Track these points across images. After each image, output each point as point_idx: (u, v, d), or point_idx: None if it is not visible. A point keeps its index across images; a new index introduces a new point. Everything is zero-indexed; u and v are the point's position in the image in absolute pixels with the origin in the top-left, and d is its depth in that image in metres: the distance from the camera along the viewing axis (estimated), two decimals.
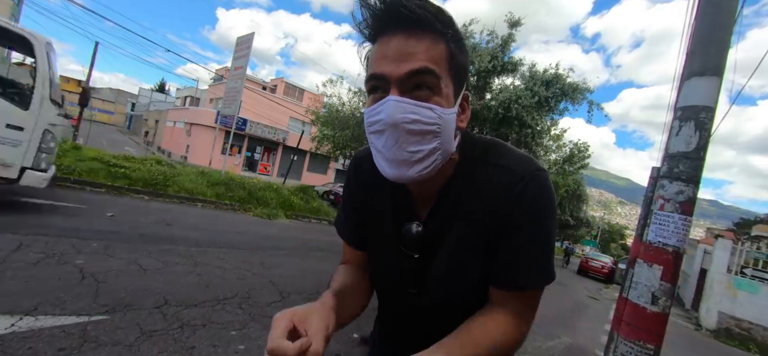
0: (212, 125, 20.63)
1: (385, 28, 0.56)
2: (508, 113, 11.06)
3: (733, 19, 1.78)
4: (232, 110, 12.91)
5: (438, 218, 0.67)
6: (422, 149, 0.56)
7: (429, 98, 0.55)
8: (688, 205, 1.67)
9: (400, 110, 0.54)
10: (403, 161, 0.56)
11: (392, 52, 0.55)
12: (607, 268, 19.72)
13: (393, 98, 0.54)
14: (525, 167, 0.62)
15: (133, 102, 48.22)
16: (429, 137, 0.55)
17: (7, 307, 2.24)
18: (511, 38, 11.81)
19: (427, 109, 0.55)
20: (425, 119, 0.54)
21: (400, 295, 0.76)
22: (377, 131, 0.57)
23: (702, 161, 1.68)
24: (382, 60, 0.56)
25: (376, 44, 0.58)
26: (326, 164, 28.29)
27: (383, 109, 0.55)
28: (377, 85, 0.57)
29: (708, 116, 1.67)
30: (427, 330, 0.71)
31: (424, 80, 0.54)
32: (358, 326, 3.33)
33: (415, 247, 0.69)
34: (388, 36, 0.56)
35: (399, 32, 0.55)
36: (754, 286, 10.02)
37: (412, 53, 0.54)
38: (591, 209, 53.36)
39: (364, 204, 0.78)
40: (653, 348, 1.70)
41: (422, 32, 0.54)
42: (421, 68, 0.54)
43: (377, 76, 0.56)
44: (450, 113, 0.57)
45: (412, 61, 0.54)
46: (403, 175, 0.58)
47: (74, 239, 3.70)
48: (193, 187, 8.43)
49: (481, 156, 0.65)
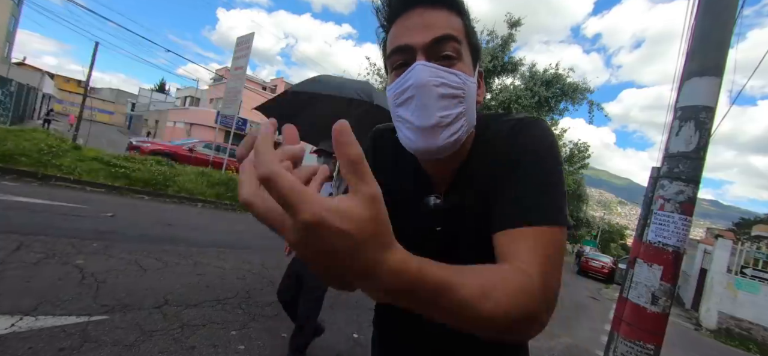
0: (212, 125, 20.62)
1: (407, 6, 0.58)
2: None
3: (733, 19, 1.78)
4: (232, 110, 12.91)
5: (457, 192, 0.67)
6: (450, 113, 0.57)
7: (453, 64, 0.58)
8: (688, 205, 1.67)
9: (428, 72, 0.56)
10: (432, 128, 0.57)
11: (415, 24, 0.58)
12: (607, 268, 19.71)
13: (421, 62, 0.56)
14: (523, 116, 0.65)
15: (133, 102, 48.20)
16: (455, 101, 0.57)
17: (7, 307, 2.24)
18: (511, 38, 11.82)
19: (453, 74, 0.57)
20: (452, 82, 0.57)
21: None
22: (405, 100, 0.58)
23: (702, 161, 1.68)
24: (405, 32, 0.58)
25: (393, 25, 0.61)
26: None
27: (411, 75, 0.57)
28: (401, 58, 0.59)
29: (708, 116, 1.67)
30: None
31: (448, 47, 0.57)
32: (359, 327, 3.33)
33: (434, 220, 0.69)
34: (407, 13, 0.59)
35: (418, 8, 0.58)
36: (754, 286, 10.02)
37: (434, 23, 0.57)
38: (591, 209, 53.38)
39: (382, 174, 0.75)
40: (653, 348, 1.70)
41: (442, 7, 0.58)
42: (445, 35, 0.57)
43: (402, 47, 0.58)
44: (472, 81, 0.60)
45: (435, 30, 0.57)
46: (432, 143, 0.58)
47: (74, 239, 3.70)
48: (193, 187, 8.43)
49: (498, 128, 0.66)
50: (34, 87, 21.08)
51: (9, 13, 22.75)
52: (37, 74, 23.17)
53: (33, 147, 6.78)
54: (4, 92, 14.43)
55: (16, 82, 15.65)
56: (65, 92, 39.48)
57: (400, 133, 0.62)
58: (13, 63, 22.78)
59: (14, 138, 6.79)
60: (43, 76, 23.67)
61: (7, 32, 21.52)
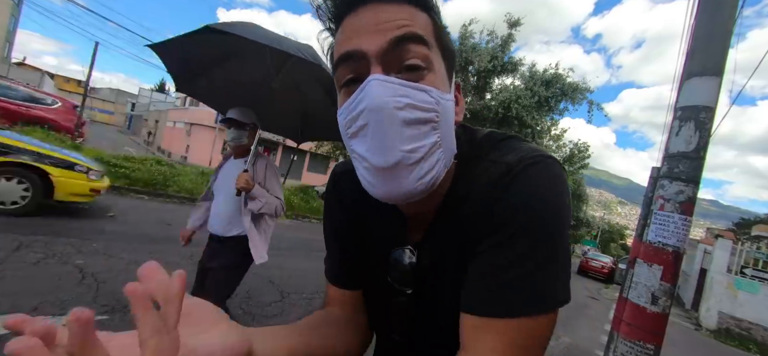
0: (212, 125, 20.63)
1: (354, 2, 0.43)
2: (508, 113, 11.07)
3: (734, 19, 1.78)
4: None
5: (434, 242, 0.52)
6: (421, 145, 0.41)
7: (421, 77, 0.42)
8: (688, 205, 1.67)
9: (387, 90, 0.40)
10: (396, 167, 0.41)
11: (366, 23, 0.42)
12: (607, 268, 19.73)
13: (377, 76, 0.41)
14: (521, 155, 0.46)
15: (133, 102, 48.24)
16: (427, 127, 0.42)
17: (7, 307, 2.24)
18: (511, 38, 11.83)
19: (421, 90, 0.41)
20: (421, 102, 0.41)
21: (392, 344, 0.63)
22: (358, 129, 0.42)
23: (702, 161, 1.68)
24: (353, 35, 0.43)
25: (341, 26, 0.45)
26: (326, 164, 28.30)
27: (364, 94, 0.41)
28: (350, 71, 0.44)
29: (708, 116, 1.67)
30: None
31: (413, 53, 0.42)
32: None
33: (407, 280, 0.55)
34: (356, 10, 0.43)
35: (371, 3, 0.42)
36: (754, 286, 10.02)
37: (391, 19, 0.42)
38: (591, 209, 53.40)
39: (349, 227, 0.63)
40: (653, 348, 1.70)
41: (401, 4, 0.43)
42: (407, 34, 0.41)
43: (349, 54, 0.43)
44: (448, 99, 0.45)
45: (393, 29, 0.41)
46: (397, 188, 0.42)
47: (74, 239, 3.70)
48: (193, 187, 8.44)
49: (478, 152, 0.51)
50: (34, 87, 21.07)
51: (9, 13, 22.77)
52: (37, 74, 23.18)
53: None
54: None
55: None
56: (65, 92, 39.50)
57: (359, 173, 0.46)
58: (13, 63, 22.80)
59: None
60: (43, 76, 23.67)
61: (7, 32, 21.53)
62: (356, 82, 0.43)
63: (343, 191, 0.64)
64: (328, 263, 0.69)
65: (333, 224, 0.67)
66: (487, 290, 0.43)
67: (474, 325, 0.44)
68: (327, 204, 0.69)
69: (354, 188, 0.55)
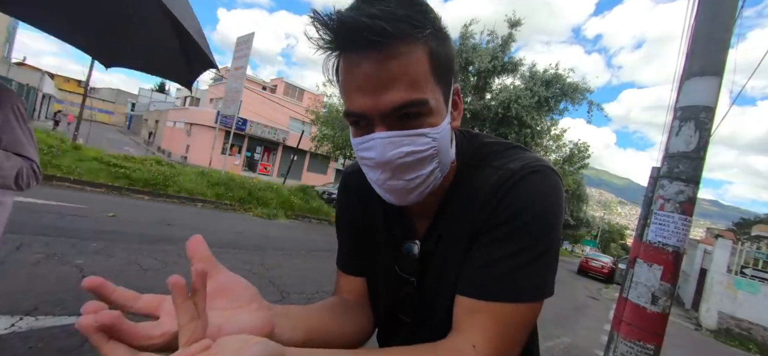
0: (212, 125, 20.63)
1: (349, 47, 0.45)
2: (507, 113, 11.07)
3: (733, 19, 1.78)
4: (232, 110, 12.92)
5: (435, 235, 0.60)
6: (420, 174, 0.50)
7: (420, 123, 0.48)
8: (688, 205, 1.67)
9: (390, 146, 0.47)
10: (401, 191, 0.51)
11: (365, 81, 0.45)
12: (607, 268, 19.73)
13: (380, 135, 0.47)
14: (523, 163, 0.53)
15: (133, 102, 48.24)
16: (426, 161, 0.50)
17: (7, 307, 2.24)
18: (511, 38, 11.83)
19: (420, 136, 0.48)
20: (421, 147, 0.48)
21: (396, 325, 0.69)
22: (370, 167, 0.51)
23: (702, 161, 1.68)
24: (355, 93, 0.47)
25: (342, 61, 0.48)
26: (326, 164, 28.30)
27: (372, 146, 0.48)
28: (357, 122, 0.50)
29: (708, 116, 1.67)
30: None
31: (411, 108, 0.46)
32: None
33: (412, 270, 0.62)
34: (352, 60, 0.46)
35: (369, 53, 0.44)
36: (754, 286, 10.02)
37: (390, 79, 0.44)
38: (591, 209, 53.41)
39: (358, 223, 0.71)
40: (653, 348, 1.70)
41: (396, 47, 0.44)
42: (404, 102, 0.45)
43: (355, 114, 0.48)
44: (444, 128, 0.50)
45: (392, 91, 0.45)
46: (403, 201, 0.53)
47: (74, 239, 3.70)
48: (193, 187, 8.43)
49: (482, 160, 0.58)
50: (34, 87, 21.10)
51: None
52: (37, 74, 23.18)
53: None
54: None
55: (16, 83, 15.67)
56: (65, 92, 39.50)
57: (370, 181, 0.55)
58: (13, 63, 22.79)
59: None
60: (43, 76, 23.68)
61: (7, 32, 21.52)
62: (361, 127, 0.50)
63: (354, 188, 0.70)
64: (339, 253, 0.75)
65: (346, 217, 0.74)
66: (486, 277, 0.50)
67: (470, 308, 0.50)
68: (340, 200, 0.75)
69: (364, 186, 0.62)
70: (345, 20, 0.43)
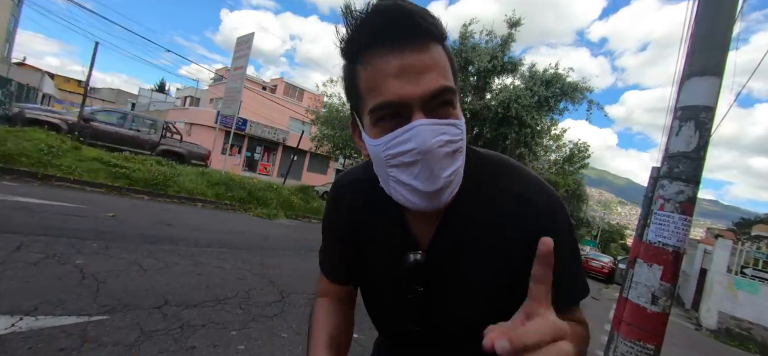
0: (212, 125, 20.63)
1: (380, 42, 0.48)
2: (507, 113, 11.06)
3: (733, 20, 1.78)
4: (232, 110, 12.91)
5: (443, 244, 0.61)
6: (454, 169, 0.51)
7: (449, 113, 0.50)
8: (688, 205, 1.67)
9: (433, 133, 0.48)
10: (438, 190, 0.51)
11: (401, 70, 0.47)
12: (607, 268, 19.72)
13: (423, 122, 0.48)
14: (543, 197, 0.58)
15: (133, 102, 48.19)
16: (458, 153, 0.51)
17: (7, 307, 2.24)
18: (510, 38, 11.81)
19: (453, 125, 0.50)
20: (455, 137, 0.50)
21: (405, 334, 0.70)
22: (406, 163, 0.50)
23: (702, 161, 1.68)
24: (391, 82, 0.47)
25: (366, 63, 0.49)
26: (326, 164, 28.29)
27: (412, 136, 0.48)
28: (393, 112, 0.49)
29: (708, 116, 1.67)
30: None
31: (445, 96, 0.49)
32: (359, 328, 3.33)
33: (416, 278, 0.63)
34: (386, 51, 0.47)
35: (397, 45, 0.47)
36: (754, 286, 10.01)
37: (425, 68, 0.47)
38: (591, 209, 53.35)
39: (351, 235, 0.70)
40: (653, 348, 1.70)
41: (423, 40, 0.48)
42: (443, 87, 0.48)
43: (393, 103, 0.48)
44: (463, 123, 0.54)
45: (430, 79, 0.48)
46: (436, 205, 0.53)
47: (74, 239, 3.70)
48: (193, 187, 8.43)
49: (488, 179, 0.60)
50: (34, 87, 21.09)
51: (9, 13, 22.76)
52: (37, 74, 23.18)
53: (33, 147, 6.78)
54: (4, 92, 14.44)
55: (16, 83, 15.66)
56: (65, 92, 39.47)
57: (396, 192, 0.54)
58: (13, 63, 22.80)
59: (14, 138, 6.78)
60: (43, 76, 23.67)
61: (7, 32, 21.51)
62: (394, 119, 0.49)
63: (347, 201, 0.70)
64: (325, 259, 0.76)
65: (334, 229, 0.73)
66: (559, 292, 0.53)
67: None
68: (329, 210, 0.74)
69: (359, 199, 0.67)
70: (391, 9, 0.47)
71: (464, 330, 0.64)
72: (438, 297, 0.63)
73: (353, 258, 0.71)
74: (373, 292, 0.73)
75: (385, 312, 0.73)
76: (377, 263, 0.68)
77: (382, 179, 0.55)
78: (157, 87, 51.84)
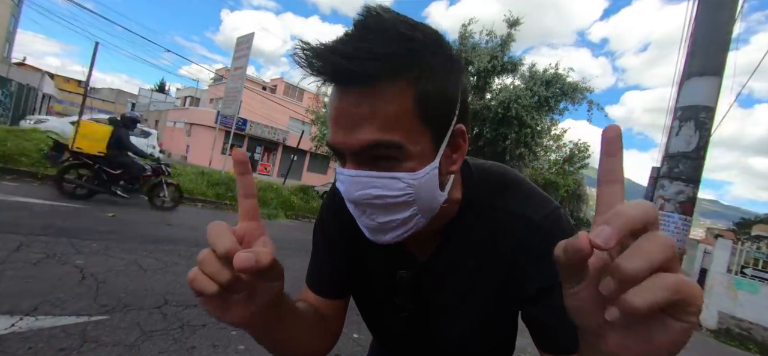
0: (212, 125, 20.63)
1: (329, 81, 0.44)
2: (507, 113, 11.05)
3: (733, 20, 1.78)
4: (232, 110, 12.91)
5: (439, 263, 0.60)
6: (395, 219, 0.48)
7: (393, 167, 0.45)
8: (688, 205, 1.67)
9: (357, 185, 0.46)
10: (374, 230, 0.50)
11: (341, 116, 0.45)
12: None
13: (346, 171, 0.46)
14: (542, 214, 0.55)
15: (133, 102, 48.17)
16: (400, 206, 0.47)
17: (7, 307, 2.24)
18: (510, 38, 11.80)
19: (392, 179, 0.45)
20: (390, 191, 0.45)
21: (402, 347, 0.70)
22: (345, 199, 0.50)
23: (702, 160, 1.68)
24: (332, 126, 0.47)
25: (330, 89, 0.48)
26: (326, 164, 28.27)
27: (342, 181, 0.47)
28: (337, 153, 0.49)
29: (708, 116, 1.67)
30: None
31: (383, 151, 0.44)
32: (359, 328, 3.33)
33: (409, 297, 0.62)
34: (335, 89, 0.46)
35: (346, 89, 0.44)
36: (754, 286, 10.01)
37: (361, 118, 0.43)
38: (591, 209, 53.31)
39: (345, 243, 0.67)
40: None
41: (373, 85, 0.42)
42: (373, 142, 0.43)
43: (331, 147, 0.48)
44: (423, 175, 0.46)
45: (363, 130, 0.43)
46: (380, 240, 0.51)
47: (74, 239, 3.70)
48: (193, 187, 8.42)
49: (492, 197, 0.57)
50: (34, 87, 21.10)
51: (9, 13, 22.75)
52: (37, 74, 23.16)
53: (33, 147, 6.78)
54: (4, 92, 14.45)
55: (16, 83, 15.66)
56: (65, 92, 39.47)
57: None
58: (13, 63, 22.79)
59: (14, 138, 6.78)
60: (43, 76, 23.65)
61: (7, 32, 21.52)
62: (341, 158, 0.48)
63: (344, 210, 0.66)
64: (311, 270, 0.71)
65: (327, 237, 0.69)
66: (565, 332, 0.50)
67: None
68: (324, 216, 0.70)
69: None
70: (323, 57, 0.41)
71: (455, 350, 0.63)
72: (429, 316, 0.62)
73: (345, 272, 0.68)
74: (368, 306, 0.72)
75: (378, 326, 0.73)
76: (372, 277, 0.67)
77: None
78: (157, 87, 51.82)
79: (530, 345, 0.75)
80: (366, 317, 0.73)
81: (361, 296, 0.71)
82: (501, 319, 0.62)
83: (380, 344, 0.80)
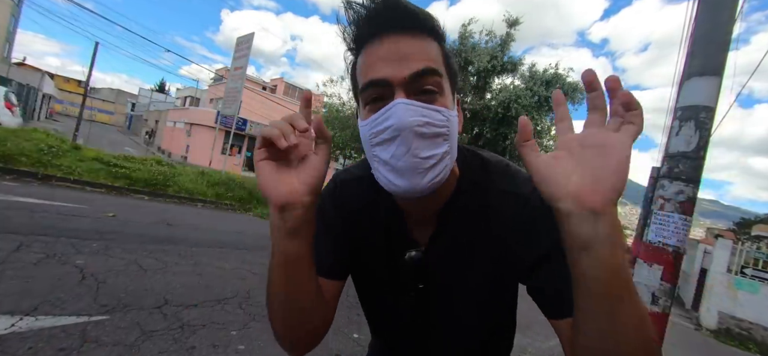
0: (212, 125, 20.63)
1: (377, 30, 0.52)
2: (507, 113, 11.06)
3: (733, 20, 1.78)
4: (232, 110, 12.91)
5: (441, 244, 0.62)
6: (435, 153, 0.52)
7: (434, 99, 0.52)
8: (688, 205, 1.67)
9: (410, 112, 0.50)
10: (415, 170, 0.51)
11: (389, 54, 0.51)
12: None
13: (402, 100, 0.50)
14: (530, 188, 0.58)
15: (133, 102, 48.19)
16: (440, 140, 0.52)
17: (7, 307, 2.24)
18: (510, 38, 11.80)
19: (436, 111, 0.52)
20: (436, 121, 0.51)
21: (406, 335, 0.71)
22: (385, 140, 0.52)
23: (702, 160, 1.68)
24: (378, 64, 0.52)
25: (364, 51, 0.54)
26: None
27: (392, 113, 0.50)
28: (377, 93, 0.53)
29: (708, 116, 1.67)
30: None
31: (429, 81, 0.52)
32: (359, 327, 3.33)
33: (415, 276, 0.64)
34: (378, 39, 0.52)
35: (392, 34, 0.52)
36: (754, 286, 10.01)
37: (411, 54, 0.51)
38: None
39: (345, 232, 0.69)
40: None
41: (417, 32, 0.52)
42: (425, 68, 0.51)
43: (377, 82, 0.52)
44: (454, 114, 0.55)
45: (414, 62, 0.51)
46: (416, 185, 0.52)
47: (74, 239, 3.70)
48: (193, 187, 8.42)
49: (484, 177, 0.62)
50: (34, 87, 21.10)
51: (9, 13, 22.76)
52: (37, 74, 23.17)
53: (33, 147, 6.78)
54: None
55: (16, 83, 15.67)
56: (65, 92, 39.49)
57: (378, 173, 0.55)
58: (13, 63, 22.79)
59: (14, 138, 6.78)
60: (43, 76, 23.66)
61: (7, 32, 21.52)
62: (381, 102, 0.52)
63: (344, 198, 0.69)
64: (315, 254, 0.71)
65: (326, 223, 0.69)
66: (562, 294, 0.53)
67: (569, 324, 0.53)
68: (324, 204, 0.70)
69: (357, 197, 0.67)
70: (383, 2, 0.51)
71: (461, 330, 0.66)
72: (436, 295, 0.65)
73: (343, 255, 0.68)
74: (370, 294, 0.73)
75: (382, 313, 0.73)
76: (376, 264, 0.68)
77: (373, 166, 0.57)
78: (157, 87, 51.83)
79: (530, 344, 0.75)
80: (368, 308, 0.74)
81: (364, 285, 0.73)
82: (502, 294, 0.65)
83: (380, 340, 0.81)
